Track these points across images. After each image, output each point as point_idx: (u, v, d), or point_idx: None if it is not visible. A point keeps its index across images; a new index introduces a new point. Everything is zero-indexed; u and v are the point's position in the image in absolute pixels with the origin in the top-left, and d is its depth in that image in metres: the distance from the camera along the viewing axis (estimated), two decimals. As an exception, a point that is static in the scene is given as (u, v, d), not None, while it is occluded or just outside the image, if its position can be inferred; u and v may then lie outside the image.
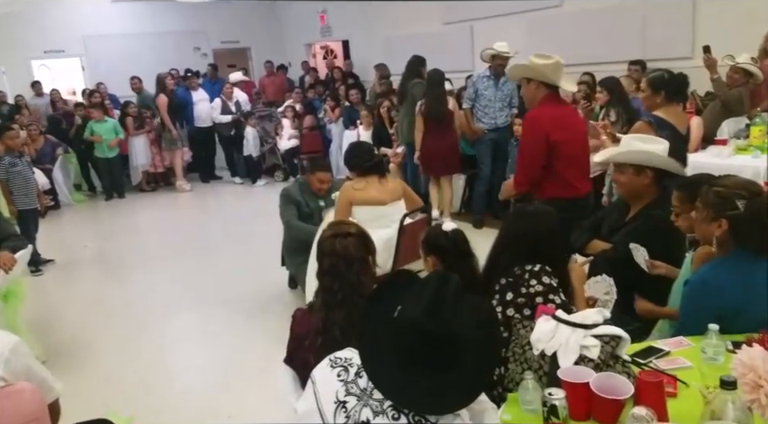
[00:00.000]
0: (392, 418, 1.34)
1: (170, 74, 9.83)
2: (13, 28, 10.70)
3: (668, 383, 1.80)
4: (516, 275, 2.23)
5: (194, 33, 12.64)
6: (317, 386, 1.48)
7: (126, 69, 10.60)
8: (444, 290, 1.39)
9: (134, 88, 10.21)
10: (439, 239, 2.53)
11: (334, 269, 2.13)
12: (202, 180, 10.34)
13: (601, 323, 1.86)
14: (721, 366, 1.88)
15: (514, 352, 1.96)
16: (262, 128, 9.86)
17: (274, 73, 11.90)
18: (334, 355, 1.52)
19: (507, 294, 2.22)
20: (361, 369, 1.43)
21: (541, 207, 2.53)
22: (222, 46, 13.15)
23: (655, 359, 1.98)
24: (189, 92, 10.02)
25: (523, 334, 1.97)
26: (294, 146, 9.65)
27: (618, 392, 1.65)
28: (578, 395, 1.66)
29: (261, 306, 4.84)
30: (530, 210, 2.56)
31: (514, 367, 1.95)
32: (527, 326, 1.99)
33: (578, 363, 1.79)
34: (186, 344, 4.46)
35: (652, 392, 1.63)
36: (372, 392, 1.39)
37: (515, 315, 2.16)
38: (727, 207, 2.09)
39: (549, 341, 1.84)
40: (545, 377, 1.85)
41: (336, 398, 1.42)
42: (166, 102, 9.35)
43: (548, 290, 2.19)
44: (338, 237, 2.17)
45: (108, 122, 9.22)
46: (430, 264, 2.55)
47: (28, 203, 5.86)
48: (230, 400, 3.51)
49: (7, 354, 1.89)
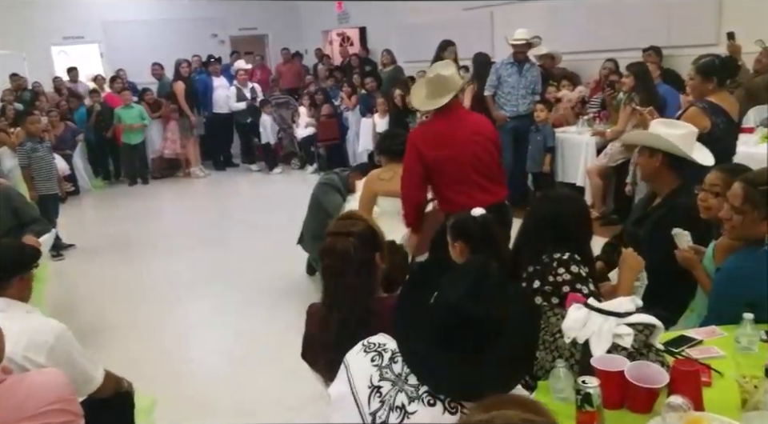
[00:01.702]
0: (427, 403, 1.33)
1: (186, 61, 9.86)
2: (33, 14, 10.76)
3: (702, 372, 1.77)
4: (544, 263, 2.20)
5: (212, 20, 12.63)
6: (350, 370, 1.47)
7: (144, 55, 10.68)
8: (485, 275, 1.38)
9: (155, 74, 10.26)
10: (467, 223, 2.49)
11: (330, 269, 2.00)
12: (216, 167, 10.36)
13: (634, 311, 1.84)
14: (755, 356, 1.85)
15: (544, 340, 1.94)
16: (279, 115, 9.85)
17: (291, 60, 11.87)
18: (367, 340, 1.52)
19: (534, 282, 2.19)
20: (396, 354, 1.42)
21: (566, 191, 2.49)
22: (240, 34, 13.13)
23: (688, 348, 1.95)
24: (210, 78, 10.06)
25: (554, 322, 1.95)
26: (310, 134, 9.64)
27: (653, 381, 1.63)
28: (612, 384, 1.63)
29: (279, 292, 4.85)
30: (555, 195, 2.53)
31: (544, 355, 1.93)
32: (558, 313, 1.97)
33: (610, 352, 1.77)
34: (204, 329, 4.50)
35: (688, 381, 1.61)
36: (407, 377, 1.38)
37: (543, 303, 2.13)
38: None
39: (581, 329, 1.81)
40: (576, 365, 1.82)
41: (370, 382, 1.41)
42: (182, 88, 9.42)
43: (576, 279, 2.16)
44: (340, 235, 2.01)
45: (134, 108, 9.28)
46: (458, 250, 2.52)
47: (49, 188, 5.92)
48: (247, 384, 3.54)
49: (52, 341, 1.90)
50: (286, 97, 10.19)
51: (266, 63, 12.44)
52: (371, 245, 2.03)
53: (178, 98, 9.51)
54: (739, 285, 2.09)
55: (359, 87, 9.31)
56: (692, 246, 2.51)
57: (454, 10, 9.30)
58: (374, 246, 2.04)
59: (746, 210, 2.08)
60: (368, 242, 2.02)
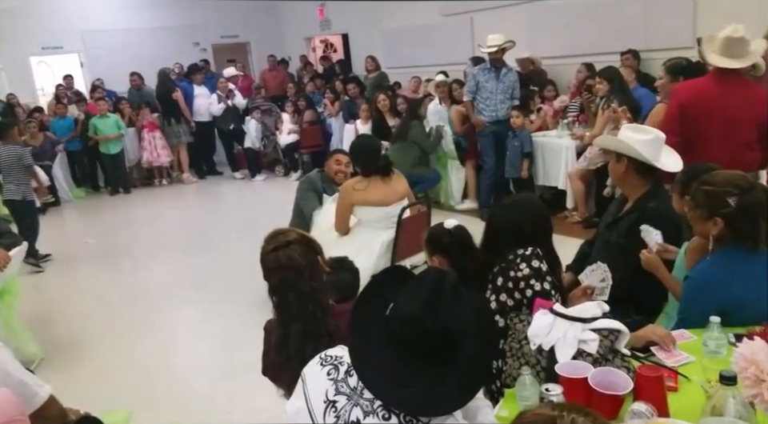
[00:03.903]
0: (382, 418, 1.30)
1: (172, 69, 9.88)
2: (10, 24, 10.63)
3: (669, 377, 1.76)
4: (508, 260, 2.20)
5: (193, 27, 12.56)
6: (306, 384, 1.44)
7: (125, 64, 10.59)
8: (442, 286, 1.35)
9: (134, 85, 10.21)
10: (443, 237, 2.48)
11: (284, 282, 2.00)
12: (198, 176, 10.30)
13: (600, 317, 1.82)
14: (723, 359, 1.83)
15: (511, 347, 1.92)
16: (263, 122, 9.82)
17: (276, 67, 11.85)
18: (324, 353, 1.49)
19: (498, 279, 2.18)
20: (351, 367, 1.39)
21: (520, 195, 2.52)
22: (222, 41, 13.08)
23: (656, 353, 1.93)
24: (192, 86, 10.03)
25: (520, 329, 1.93)
26: (294, 141, 9.60)
27: (617, 387, 1.61)
28: (576, 391, 1.62)
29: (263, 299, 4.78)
30: (510, 201, 2.58)
31: (512, 362, 1.91)
32: (524, 319, 1.95)
33: (576, 358, 1.75)
34: (188, 338, 4.45)
35: (652, 387, 1.59)
36: (362, 391, 1.35)
37: (507, 300, 2.12)
38: (719, 205, 2.04)
39: (546, 335, 1.80)
40: (543, 372, 1.81)
41: (326, 397, 1.38)
42: (181, 95, 9.55)
43: (534, 274, 2.13)
44: (279, 249, 2.02)
45: (110, 117, 9.20)
46: (437, 263, 2.51)
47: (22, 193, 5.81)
48: (231, 395, 3.48)
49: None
50: (269, 104, 10.16)
51: (247, 71, 12.39)
52: (311, 249, 2.07)
53: (179, 105, 9.60)
54: (708, 292, 2.08)
55: (342, 93, 9.29)
56: (661, 244, 2.51)
57: (434, 15, 9.33)
58: (314, 250, 2.08)
59: (691, 207, 2.15)
60: (307, 247, 2.05)
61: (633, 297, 2.57)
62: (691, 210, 2.16)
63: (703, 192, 2.09)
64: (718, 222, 2.05)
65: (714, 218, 2.06)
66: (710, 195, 2.07)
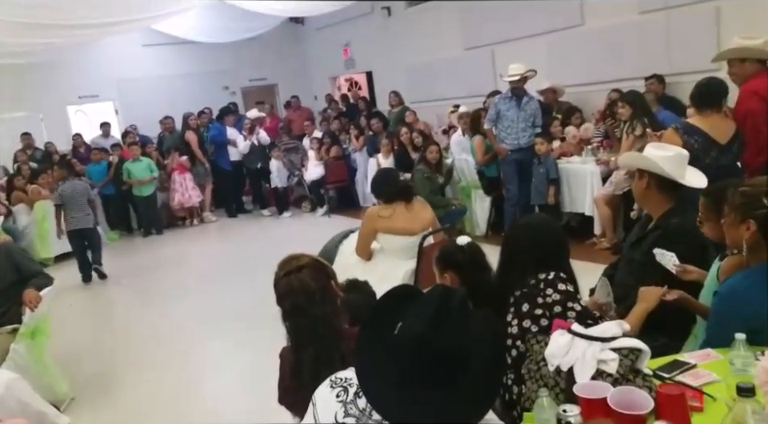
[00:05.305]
0: None
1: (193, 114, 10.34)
2: (50, 75, 11.09)
3: (694, 397, 1.70)
4: (530, 285, 2.16)
5: (223, 72, 12.96)
6: (317, 407, 1.43)
7: (158, 110, 10.95)
8: (449, 304, 1.33)
9: (167, 128, 10.55)
10: (455, 254, 2.47)
11: (296, 308, 1.98)
12: (228, 214, 10.48)
13: (619, 336, 1.78)
14: (751, 378, 1.76)
15: (529, 369, 1.88)
16: (289, 160, 9.99)
17: (300, 107, 12.10)
18: (334, 375, 1.48)
19: (523, 305, 2.15)
20: (360, 389, 1.38)
21: (538, 216, 2.50)
22: (250, 84, 13.45)
23: (680, 373, 1.87)
24: (224, 127, 10.31)
25: (537, 350, 1.89)
26: (319, 177, 9.73)
27: (638, 407, 1.56)
28: (595, 412, 1.57)
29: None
30: (527, 221, 2.55)
31: (530, 384, 1.87)
32: (541, 341, 1.91)
33: (595, 378, 1.70)
34: (218, 373, 4.47)
35: (673, 405, 1.54)
36: (371, 413, 1.34)
37: (531, 326, 2.08)
38: (754, 206, 1.98)
39: (564, 355, 1.76)
40: (562, 394, 1.76)
41: (335, 419, 1.37)
42: (195, 137, 9.85)
43: (566, 298, 2.11)
44: (291, 274, 2.01)
45: (142, 161, 9.45)
46: (448, 280, 2.48)
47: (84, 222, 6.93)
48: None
49: (1, 392, 1.88)
50: (294, 142, 10.34)
51: (275, 111, 12.67)
52: (323, 273, 2.06)
53: (191, 147, 9.88)
54: (736, 307, 2.01)
55: (366, 129, 9.42)
56: (678, 265, 2.44)
57: (456, 49, 9.46)
58: (326, 275, 2.07)
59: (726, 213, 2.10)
60: (319, 271, 2.04)
61: (659, 319, 2.50)
62: (727, 216, 2.10)
63: (740, 193, 2.04)
64: (750, 226, 1.99)
65: (748, 221, 2.00)
66: (746, 196, 2.02)
